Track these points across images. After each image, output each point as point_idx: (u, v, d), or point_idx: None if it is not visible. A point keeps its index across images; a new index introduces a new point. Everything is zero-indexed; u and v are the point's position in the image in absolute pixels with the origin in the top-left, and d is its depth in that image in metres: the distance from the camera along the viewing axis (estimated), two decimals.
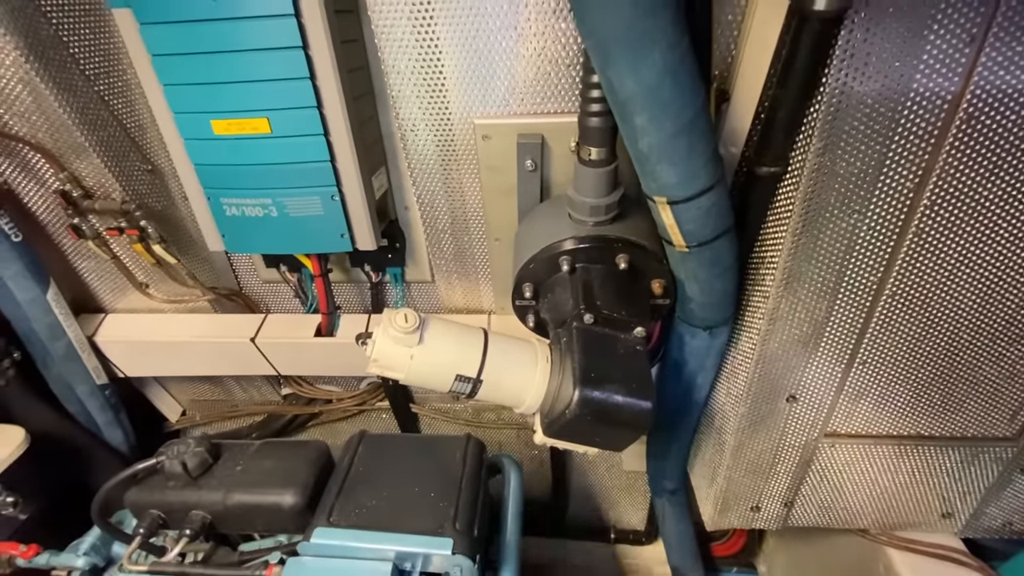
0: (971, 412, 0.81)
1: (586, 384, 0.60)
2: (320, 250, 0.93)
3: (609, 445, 0.66)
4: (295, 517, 0.76)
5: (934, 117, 0.57)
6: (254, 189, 0.85)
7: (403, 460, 0.80)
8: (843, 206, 0.63)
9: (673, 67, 0.46)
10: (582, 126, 0.61)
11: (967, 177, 0.60)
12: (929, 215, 0.63)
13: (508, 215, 0.83)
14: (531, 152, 0.73)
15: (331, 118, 0.78)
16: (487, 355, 0.67)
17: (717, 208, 0.59)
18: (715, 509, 0.99)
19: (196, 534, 0.74)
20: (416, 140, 0.80)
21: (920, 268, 0.67)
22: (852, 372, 0.78)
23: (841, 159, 0.60)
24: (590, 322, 0.66)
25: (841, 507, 0.95)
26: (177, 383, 1.33)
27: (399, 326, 0.62)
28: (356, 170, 0.82)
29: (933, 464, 0.87)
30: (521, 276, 0.73)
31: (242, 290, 1.17)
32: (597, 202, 0.66)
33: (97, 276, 1.07)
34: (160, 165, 0.97)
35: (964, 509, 0.93)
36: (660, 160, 0.53)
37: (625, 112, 0.51)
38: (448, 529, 0.68)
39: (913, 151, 0.59)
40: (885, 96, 0.56)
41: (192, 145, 0.83)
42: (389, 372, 0.65)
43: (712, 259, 0.64)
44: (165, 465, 0.77)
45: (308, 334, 1.03)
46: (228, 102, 0.78)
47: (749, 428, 0.85)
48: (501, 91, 0.72)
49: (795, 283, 0.69)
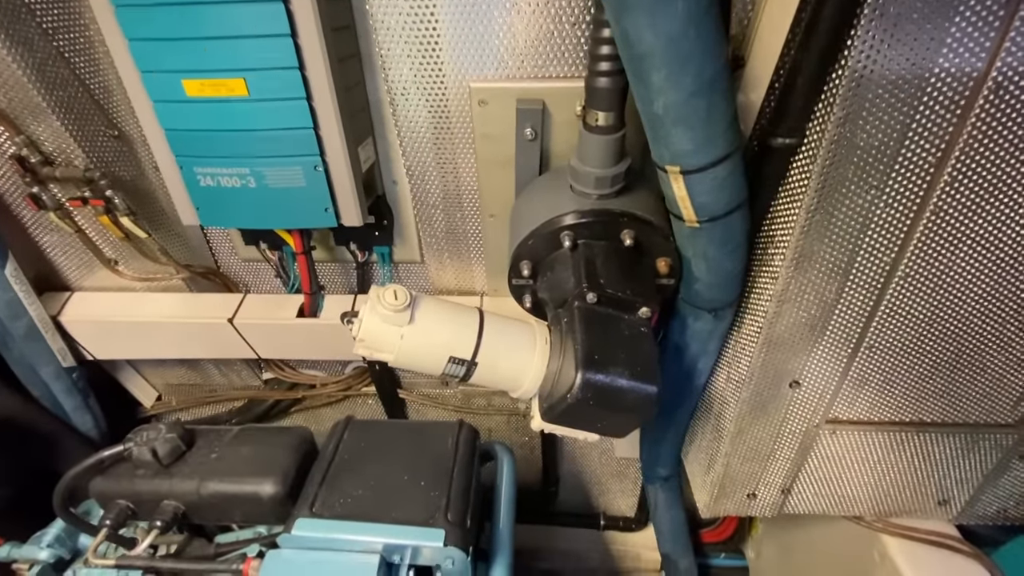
0: (974, 399, 0.80)
1: (589, 367, 0.57)
2: (302, 225, 0.87)
3: (611, 431, 0.63)
4: (275, 507, 0.71)
5: (962, 86, 0.53)
6: (230, 157, 0.79)
7: (392, 447, 0.76)
8: (861, 181, 0.60)
9: (697, 16, 0.42)
10: (589, 87, 0.56)
11: (991, 152, 0.57)
12: (949, 192, 0.60)
13: (504, 189, 0.78)
14: (531, 119, 0.68)
15: (314, 80, 0.72)
16: (483, 336, 0.63)
17: (733, 179, 0.55)
18: (711, 496, 0.97)
19: (168, 526, 0.70)
20: (407, 105, 0.75)
21: (935, 249, 0.64)
22: (858, 357, 0.75)
23: (862, 130, 0.56)
24: (593, 302, 0.62)
25: (839, 494, 0.93)
26: (151, 367, 1.26)
27: (388, 303, 0.57)
28: (341, 139, 0.76)
29: (933, 451, 0.86)
30: (519, 253, 0.69)
31: (219, 269, 1.10)
32: (603, 173, 0.62)
33: (61, 251, 1.00)
34: (128, 131, 0.90)
35: (960, 496, 0.92)
36: (676, 123, 0.49)
37: (640, 68, 0.46)
38: (439, 520, 0.65)
39: (938, 123, 0.56)
40: (913, 62, 0.52)
41: (162, 108, 0.76)
42: (377, 353, 0.60)
43: (723, 236, 0.61)
44: (134, 452, 0.71)
45: (290, 315, 0.98)
46: (201, 60, 0.71)
47: (749, 414, 0.83)
48: (499, 52, 0.67)
49: (806, 263, 0.66)
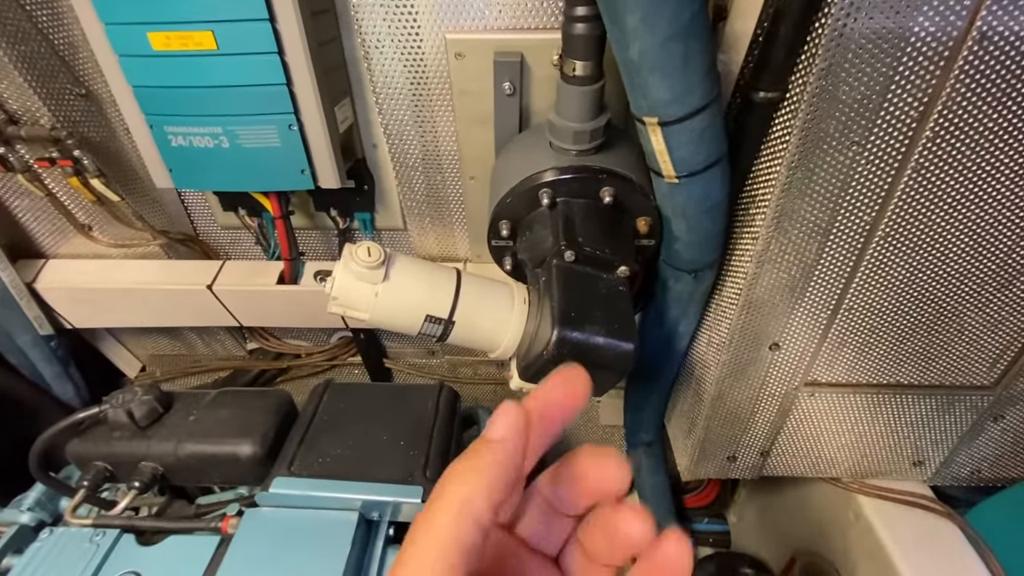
0: (951, 360, 0.80)
1: (565, 324, 0.56)
2: (278, 187, 0.85)
3: None
4: (254, 468, 0.71)
5: (946, 36, 0.52)
6: (201, 116, 0.76)
7: (371, 409, 0.76)
8: (842, 136, 0.59)
9: None
10: (566, 35, 0.55)
11: (973, 107, 0.56)
12: (931, 147, 0.59)
13: (484, 149, 0.77)
14: (509, 72, 0.66)
15: (285, 33, 0.69)
16: (460, 295, 0.62)
17: (711, 131, 0.54)
18: (691, 460, 0.98)
19: (146, 486, 0.70)
20: (382, 60, 0.72)
21: (916, 207, 0.64)
22: (838, 318, 0.75)
23: (844, 83, 0.55)
24: (571, 260, 0.61)
25: (816, 456, 0.95)
26: (133, 336, 1.25)
27: (362, 260, 0.56)
28: (316, 96, 0.74)
29: (909, 413, 0.87)
30: (498, 213, 0.68)
31: (198, 236, 1.09)
32: (581, 127, 0.60)
33: (33, 216, 0.97)
34: (96, 90, 0.87)
35: (935, 457, 0.94)
36: (653, 70, 0.47)
37: (615, 11, 0.45)
38: (418, 477, 0.65)
39: (921, 75, 0.54)
40: (897, 10, 0.51)
41: (128, 63, 0.74)
42: (351, 311, 0.59)
43: (703, 192, 0.60)
44: (109, 414, 0.71)
45: (270, 281, 0.97)
46: (166, 11, 0.68)
47: (730, 377, 0.83)
48: (476, 1, 0.64)
49: (786, 222, 0.66)
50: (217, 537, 0.68)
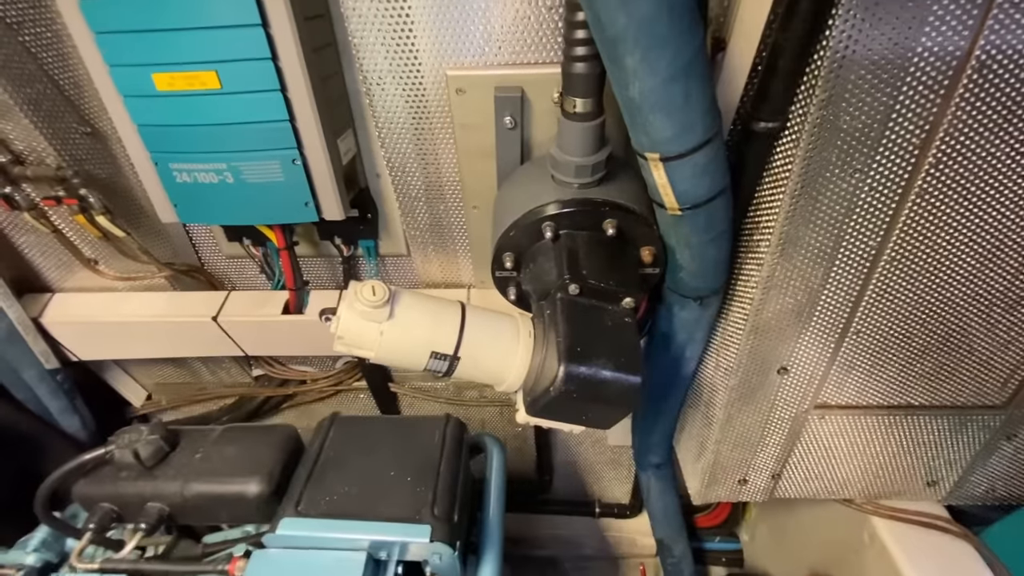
0: (962, 381, 0.79)
1: (571, 359, 0.56)
2: (282, 220, 0.85)
3: (595, 423, 0.62)
4: (261, 507, 0.71)
5: (945, 65, 0.52)
6: (206, 153, 0.77)
7: (378, 443, 0.75)
8: (845, 164, 0.59)
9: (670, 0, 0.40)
10: (566, 73, 0.55)
11: (975, 133, 0.56)
12: (934, 174, 0.59)
13: (486, 180, 0.77)
14: (510, 107, 0.67)
15: (288, 71, 0.70)
16: (464, 330, 0.62)
17: (714, 165, 0.54)
18: (702, 483, 0.97)
19: (153, 527, 0.69)
20: (383, 95, 0.73)
21: (921, 231, 0.64)
22: (846, 342, 0.75)
23: (845, 112, 0.55)
24: (575, 293, 0.61)
25: (828, 478, 0.94)
26: (139, 366, 1.25)
27: (366, 299, 0.56)
28: (319, 131, 0.75)
29: (921, 433, 0.86)
30: (501, 245, 0.68)
31: (203, 266, 1.09)
32: (583, 161, 0.61)
33: (39, 252, 0.98)
34: (102, 128, 0.88)
35: (949, 477, 0.93)
36: (653, 109, 0.48)
37: (615, 52, 0.45)
38: (426, 515, 0.64)
39: (922, 103, 0.55)
40: (896, 42, 0.51)
41: (133, 103, 0.74)
42: (357, 350, 0.59)
43: (706, 223, 0.60)
44: (115, 455, 0.71)
45: (275, 312, 0.97)
46: (170, 52, 0.69)
47: (739, 401, 0.83)
48: (476, 38, 0.65)
49: (791, 249, 0.65)
50: None
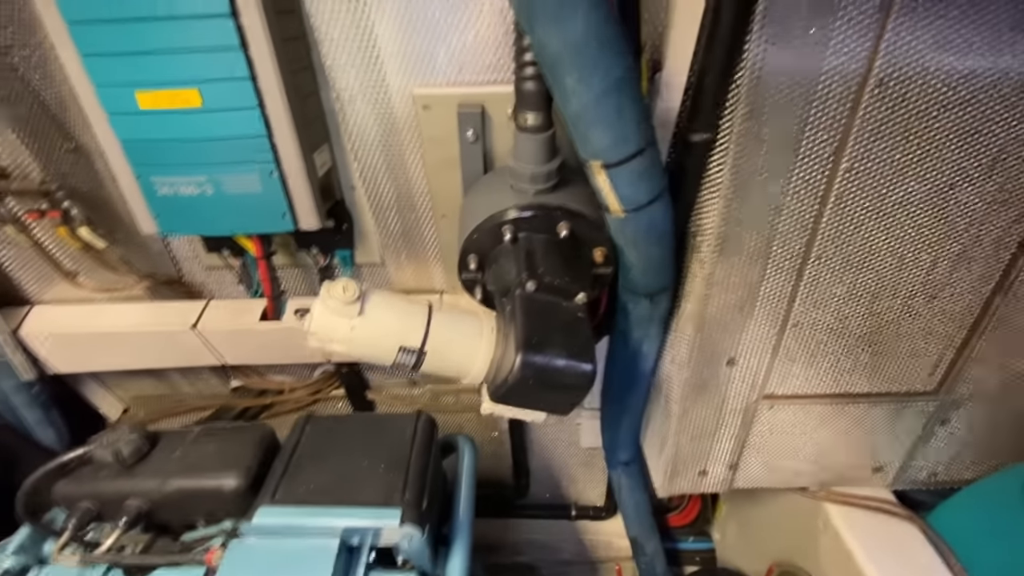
0: (894, 369, 0.86)
1: (527, 349, 0.61)
2: (260, 230, 0.90)
3: (554, 408, 0.67)
4: (238, 501, 0.74)
5: (848, 82, 0.60)
6: (187, 166, 0.81)
7: (352, 438, 0.79)
8: (770, 171, 0.66)
9: (596, 25, 0.47)
10: (518, 91, 0.61)
11: (881, 142, 0.64)
12: (848, 179, 0.67)
13: (453, 190, 0.83)
14: (472, 122, 0.73)
15: (266, 90, 0.75)
16: (431, 325, 0.67)
17: (650, 171, 0.60)
18: (665, 476, 1.02)
19: (131, 523, 0.71)
20: (355, 112, 0.79)
21: (842, 231, 0.71)
22: (786, 334, 0.81)
23: (766, 124, 0.62)
24: (532, 289, 0.66)
25: (782, 467, 0.99)
26: (116, 378, 1.26)
27: (337, 297, 0.61)
28: (296, 145, 0.80)
29: (863, 420, 0.93)
30: (466, 248, 0.73)
31: (182, 277, 1.12)
32: (537, 170, 0.67)
33: (19, 265, 1.00)
34: (85, 143, 0.91)
35: (893, 462, 0.99)
36: (592, 122, 0.54)
37: (555, 73, 0.51)
38: (396, 500, 0.68)
39: (831, 116, 0.62)
40: (804, 62, 0.58)
41: (117, 120, 0.79)
42: (329, 345, 0.64)
43: (648, 224, 0.66)
44: (95, 454, 0.73)
45: (253, 320, 1.00)
46: (154, 73, 0.74)
47: (693, 393, 0.88)
48: (439, 60, 0.71)
49: (729, 249, 0.72)
50: (203, 569, 0.69)
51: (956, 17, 0.55)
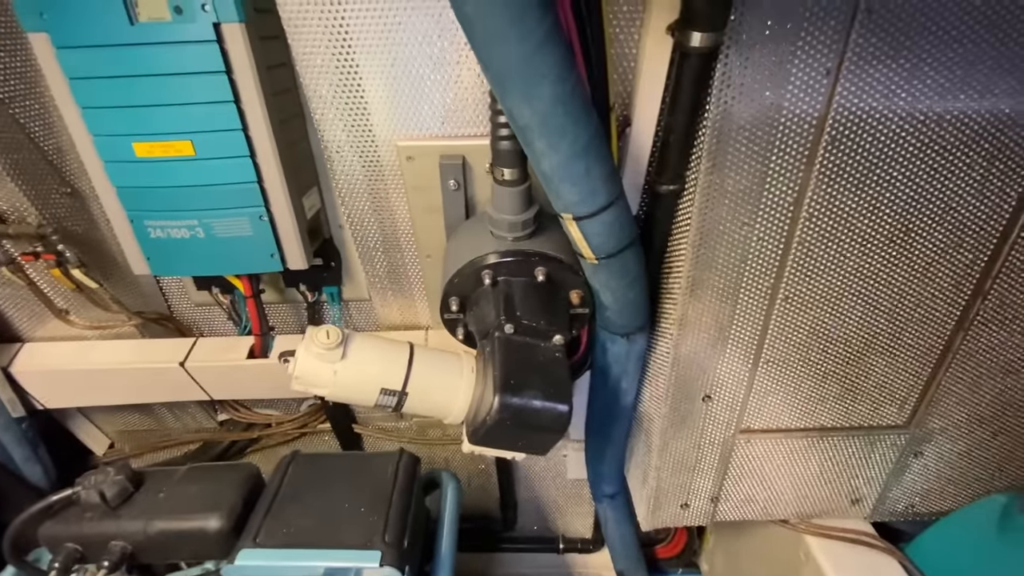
0: (865, 403, 0.89)
1: (505, 391, 0.63)
2: (250, 270, 0.92)
3: (532, 449, 0.69)
4: (221, 542, 0.74)
5: (803, 139, 0.64)
6: (179, 211, 0.84)
7: (335, 477, 0.80)
8: (734, 219, 0.69)
9: (564, 98, 0.51)
10: (494, 149, 0.65)
11: (837, 192, 0.68)
12: (809, 226, 0.70)
13: (437, 232, 0.86)
14: (453, 172, 0.77)
15: (257, 140, 0.78)
16: (412, 368, 0.69)
17: (619, 223, 0.64)
18: (648, 509, 1.03)
19: (115, 565, 0.72)
20: (342, 161, 0.82)
21: (806, 274, 0.74)
22: (759, 371, 0.84)
23: (728, 177, 0.66)
24: (511, 332, 0.69)
25: (762, 499, 1.01)
26: (103, 414, 1.27)
27: (320, 342, 0.63)
28: (284, 190, 0.83)
29: (838, 453, 0.95)
30: (447, 291, 0.76)
31: (173, 314, 1.14)
32: (514, 219, 0.70)
33: (13, 304, 1.02)
34: (81, 188, 0.95)
35: (870, 495, 1.01)
36: (562, 181, 0.58)
37: (526, 137, 0.55)
38: (377, 542, 0.69)
39: (789, 169, 0.66)
40: (761, 120, 0.63)
41: (112, 167, 0.82)
42: (313, 389, 0.66)
43: (620, 270, 0.69)
44: (82, 495, 0.74)
45: (240, 356, 1.02)
46: (150, 125, 0.77)
47: (672, 428, 0.90)
48: (422, 115, 0.76)
49: (699, 290, 0.75)
50: None
51: (905, 69, 0.59)
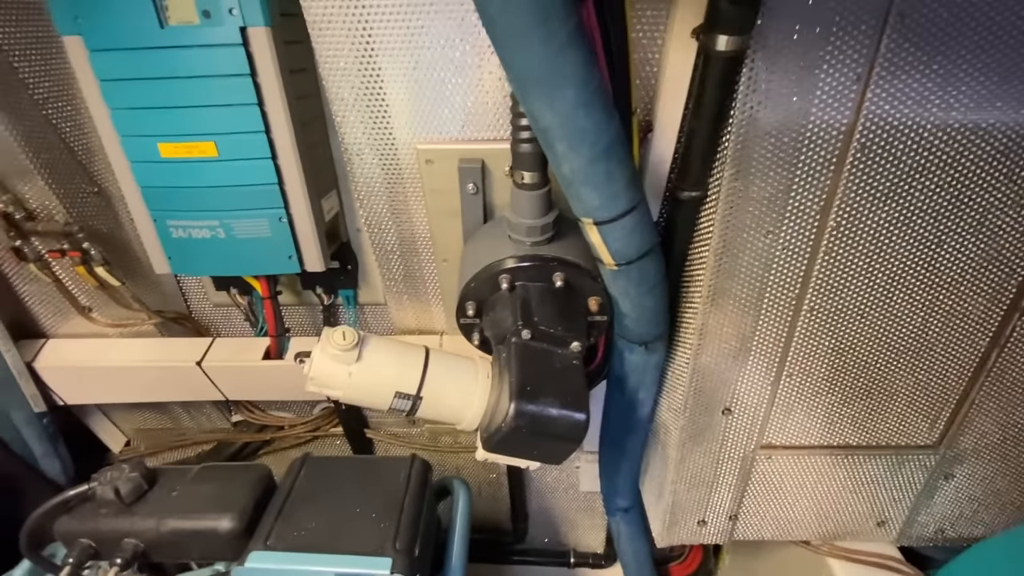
0: (892, 422, 0.86)
1: (521, 397, 0.62)
2: (268, 271, 0.93)
3: (547, 458, 0.68)
4: (232, 543, 0.74)
5: (831, 146, 0.62)
6: (201, 211, 0.85)
7: (346, 482, 0.80)
8: (758, 227, 0.68)
9: (585, 101, 0.50)
10: (514, 152, 0.65)
11: (867, 201, 0.66)
12: (836, 236, 0.68)
13: (454, 236, 0.86)
14: (472, 176, 0.76)
15: (279, 142, 0.79)
16: (427, 372, 0.68)
17: (640, 228, 0.62)
18: (663, 525, 1.00)
19: (127, 563, 0.72)
20: (362, 164, 0.83)
21: (833, 285, 0.72)
22: (781, 384, 0.82)
23: (753, 184, 0.65)
24: (528, 338, 0.68)
25: (783, 518, 0.98)
26: (121, 411, 1.28)
27: (336, 343, 0.63)
28: (304, 193, 0.84)
29: (863, 472, 0.91)
30: (464, 295, 0.76)
31: (191, 314, 1.15)
32: (533, 223, 0.69)
33: (38, 300, 1.04)
34: (107, 188, 0.97)
35: (897, 517, 0.97)
36: (583, 184, 0.57)
37: (547, 140, 0.54)
38: (388, 549, 0.68)
39: (816, 177, 0.64)
40: (787, 127, 0.61)
41: (138, 167, 0.83)
42: (327, 390, 0.65)
43: (640, 277, 0.68)
44: (97, 491, 0.74)
45: (256, 357, 1.02)
46: (175, 126, 0.79)
47: (690, 441, 0.88)
48: (442, 118, 0.76)
49: (721, 299, 0.74)
50: None
51: (940, 75, 0.58)
